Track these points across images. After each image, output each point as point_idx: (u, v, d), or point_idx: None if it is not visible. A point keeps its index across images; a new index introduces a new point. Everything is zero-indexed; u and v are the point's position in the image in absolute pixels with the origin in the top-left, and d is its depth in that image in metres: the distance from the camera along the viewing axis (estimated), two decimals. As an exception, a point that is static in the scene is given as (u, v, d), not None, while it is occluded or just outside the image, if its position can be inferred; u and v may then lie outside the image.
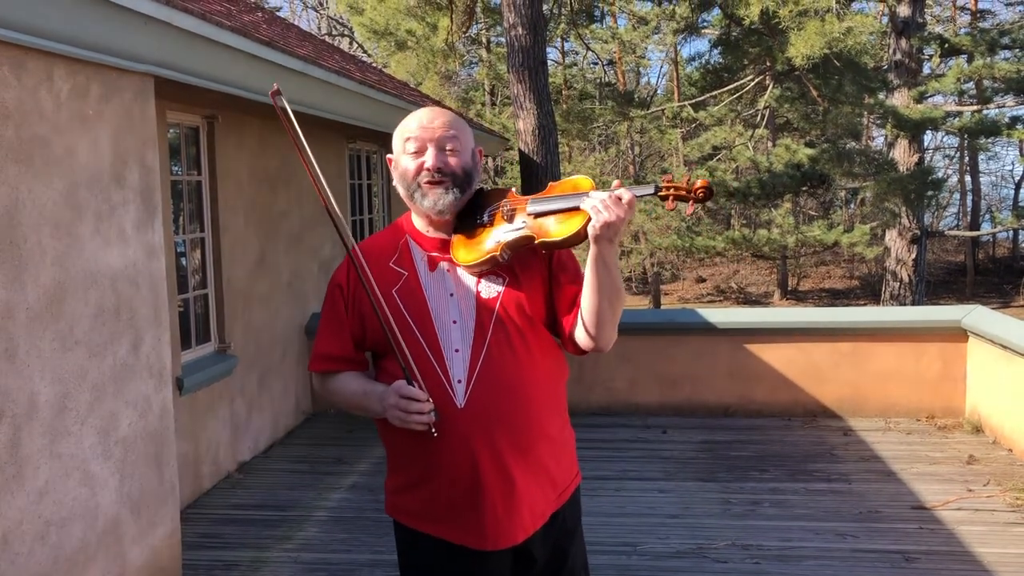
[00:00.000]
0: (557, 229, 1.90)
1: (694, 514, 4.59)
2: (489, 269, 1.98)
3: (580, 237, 1.88)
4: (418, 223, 2.08)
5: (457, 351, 1.95)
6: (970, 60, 14.61)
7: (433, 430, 1.90)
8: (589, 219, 1.85)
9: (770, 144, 19.15)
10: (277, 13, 13.45)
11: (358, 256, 1.99)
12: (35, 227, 3.01)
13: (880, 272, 18.98)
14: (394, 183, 2.08)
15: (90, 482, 3.28)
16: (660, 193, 1.88)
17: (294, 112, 5.77)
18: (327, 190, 1.97)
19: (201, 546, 4.32)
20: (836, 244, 14.39)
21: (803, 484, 5.00)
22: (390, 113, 7.36)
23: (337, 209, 1.92)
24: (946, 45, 14.39)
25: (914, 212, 13.95)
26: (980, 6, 23.91)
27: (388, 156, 2.10)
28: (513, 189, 2.05)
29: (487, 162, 22.81)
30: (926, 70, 15.77)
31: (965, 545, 4.12)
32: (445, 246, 2.02)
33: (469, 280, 1.99)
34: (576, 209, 1.88)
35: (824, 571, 3.90)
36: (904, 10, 13.83)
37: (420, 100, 9.25)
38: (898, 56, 14.05)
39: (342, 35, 24.91)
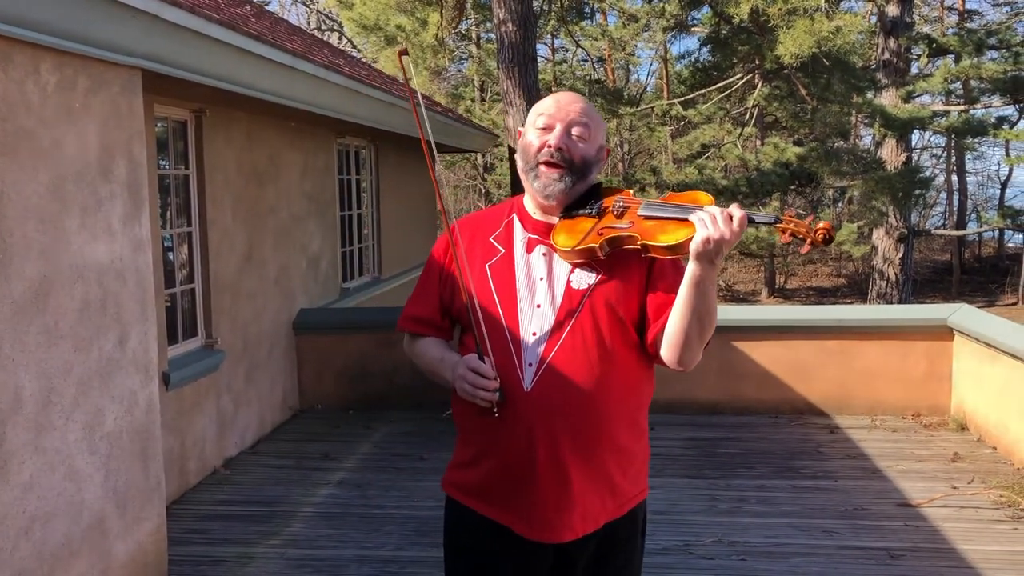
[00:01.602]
0: (663, 235, 1.84)
1: (681, 511, 4.60)
2: (586, 260, 1.95)
3: (684, 248, 1.81)
4: (528, 204, 2.06)
5: (534, 334, 1.93)
6: (957, 60, 14.68)
7: (495, 410, 1.90)
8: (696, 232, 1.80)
9: (759, 142, 19.20)
10: (266, 7, 13.38)
11: (455, 232, 2.05)
12: (20, 220, 2.99)
13: (867, 271, 19.07)
14: (516, 155, 2.08)
15: (75, 477, 3.26)
16: (780, 225, 1.81)
17: (284, 105, 5.75)
18: (436, 156, 2.03)
19: (187, 542, 4.31)
20: (824, 243, 14.41)
21: (789, 481, 5.03)
22: (380, 109, 7.34)
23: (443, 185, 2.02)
24: (934, 45, 14.46)
25: (901, 211, 14.02)
26: (967, 6, 24.04)
27: (520, 129, 2.09)
28: (631, 191, 2.00)
29: (477, 158, 22.80)
30: (914, 70, 15.84)
31: (949, 542, 4.15)
32: (548, 231, 2.00)
33: (563, 268, 1.97)
34: (687, 220, 1.82)
35: (810, 568, 3.92)
36: (893, 10, 13.89)
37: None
38: (886, 55, 14.11)
39: (331, 30, 24.82)
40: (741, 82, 15.99)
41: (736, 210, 1.77)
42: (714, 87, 16.50)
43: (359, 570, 3.97)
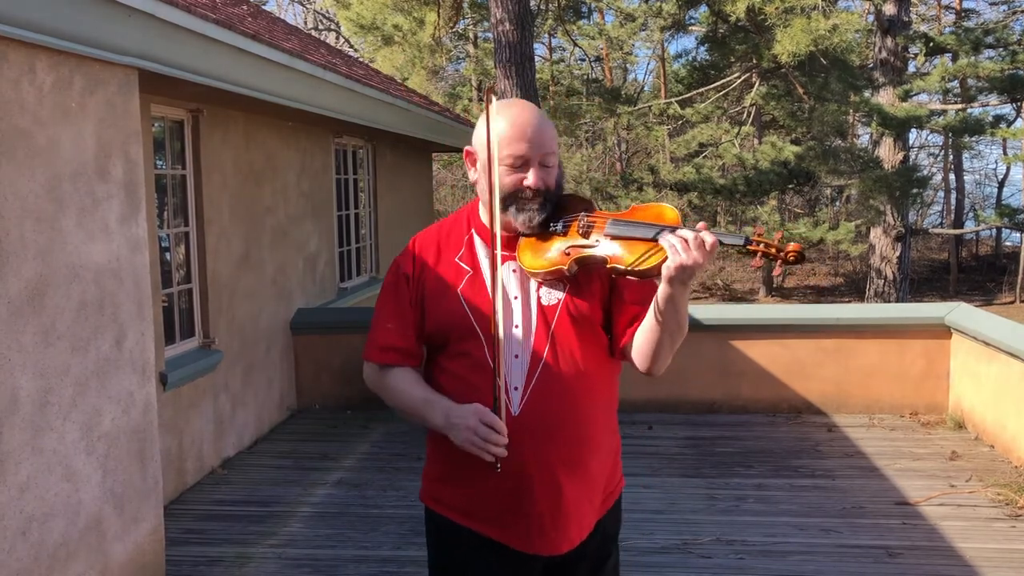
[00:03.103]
0: (632, 259, 1.81)
1: (679, 510, 4.60)
2: (552, 280, 1.92)
3: (654, 273, 1.79)
4: (485, 218, 1.98)
5: (516, 357, 1.91)
6: (955, 59, 14.71)
7: (499, 465, 1.84)
8: (666, 258, 1.77)
9: (756, 141, 19.20)
10: (263, 7, 13.38)
11: (415, 251, 2.01)
12: (17, 220, 2.99)
13: (865, 269, 19.08)
14: (475, 180, 1.99)
15: (73, 477, 3.26)
16: (749, 247, 1.79)
17: (281, 105, 5.71)
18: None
19: (185, 542, 4.30)
20: (821, 241, 14.45)
21: (787, 480, 5.03)
22: (377, 108, 7.33)
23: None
24: (931, 44, 14.48)
25: (899, 210, 14.03)
26: (965, 5, 24.06)
27: (467, 149, 2.00)
28: (594, 201, 1.98)
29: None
30: (911, 68, 15.87)
31: (947, 540, 4.15)
32: (511, 244, 1.95)
33: (531, 285, 1.94)
34: (656, 242, 1.79)
35: (808, 566, 3.92)
36: (890, 8, 13.90)
37: (407, 95, 9.22)
38: (883, 54, 14.12)
39: (328, 29, 24.81)
40: (738, 81, 16.01)
41: (707, 235, 1.74)
42: (711, 86, 16.51)
43: (357, 570, 3.97)
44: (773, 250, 1.77)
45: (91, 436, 3.37)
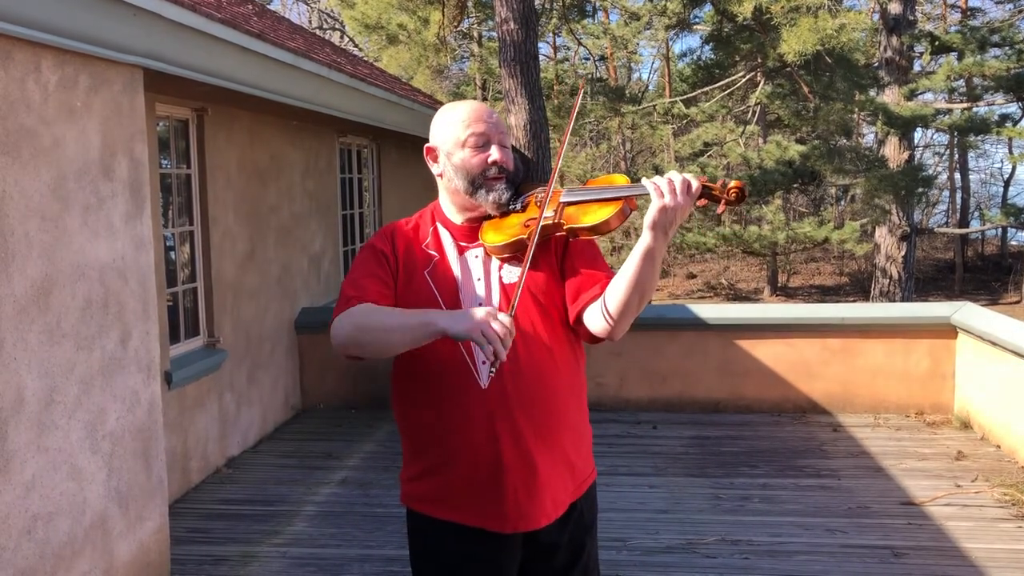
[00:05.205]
0: (587, 217, 1.93)
1: (684, 509, 4.60)
2: (514, 254, 2.01)
3: (608, 225, 1.91)
4: (449, 210, 2.10)
5: None
6: (960, 58, 14.64)
7: (493, 368, 1.78)
8: (620, 209, 1.89)
9: (761, 141, 19.16)
10: (267, 6, 13.37)
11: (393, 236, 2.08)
12: (22, 219, 2.99)
13: (870, 269, 19.04)
14: (439, 172, 2.08)
15: (78, 476, 3.26)
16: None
17: (286, 104, 5.74)
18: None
19: (189, 541, 4.31)
20: (826, 241, 14.41)
21: (792, 480, 5.02)
22: (382, 107, 7.33)
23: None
24: (937, 43, 14.43)
25: (904, 209, 14.01)
26: (970, 4, 23.98)
27: (427, 146, 2.10)
28: (551, 179, 2.07)
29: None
30: (917, 67, 15.81)
31: (953, 541, 4.14)
32: (474, 232, 2.06)
33: (493, 266, 2.03)
34: (608, 200, 1.92)
35: (813, 566, 3.91)
36: (895, 7, 13.87)
37: (412, 94, 9.22)
38: (889, 53, 14.09)
39: (333, 29, 24.81)
40: (743, 80, 15.98)
41: (693, 180, 1.81)
42: (716, 85, 16.48)
43: (361, 569, 3.97)
44: (716, 190, 1.85)
45: (96, 435, 3.37)
